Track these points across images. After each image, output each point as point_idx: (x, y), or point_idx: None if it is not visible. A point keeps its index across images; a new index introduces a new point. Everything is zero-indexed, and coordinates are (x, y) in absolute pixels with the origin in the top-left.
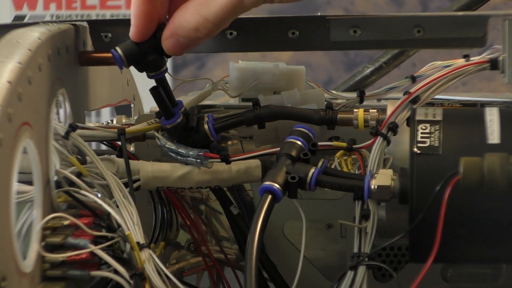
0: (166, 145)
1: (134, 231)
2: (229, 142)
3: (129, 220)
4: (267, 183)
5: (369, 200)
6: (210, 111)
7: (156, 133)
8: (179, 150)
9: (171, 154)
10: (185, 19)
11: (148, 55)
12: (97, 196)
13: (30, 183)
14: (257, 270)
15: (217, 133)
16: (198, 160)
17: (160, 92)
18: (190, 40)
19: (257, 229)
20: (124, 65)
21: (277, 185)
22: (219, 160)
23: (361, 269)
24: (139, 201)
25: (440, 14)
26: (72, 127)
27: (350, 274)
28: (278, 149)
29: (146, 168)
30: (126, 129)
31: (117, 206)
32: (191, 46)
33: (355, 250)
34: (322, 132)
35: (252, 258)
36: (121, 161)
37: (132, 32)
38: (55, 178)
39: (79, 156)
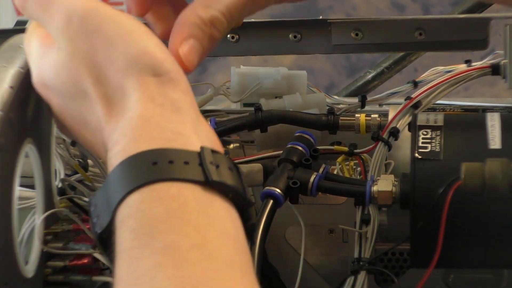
0: None
1: None
2: (231, 146)
3: None
4: (269, 188)
5: (369, 205)
6: (212, 115)
7: None
8: None
9: None
10: (198, 15)
11: None
12: None
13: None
14: (260, 274)
15: (219, 137)
16: None
17: None
18: (206, 41)
19: (259, 234)
20: None
21: (278, 190)
22: None
23: (362, 274)
24: None
25: (442, 17)
26: None
27: (350, 279)
28: (280, 152)
29: None
30: None
31: None
32: (206, 51)
33: (356, 255)
34: (323, 137)
35: (254, 263)
36: None
37: None
38: (60, 185)
39: (81, 160)
